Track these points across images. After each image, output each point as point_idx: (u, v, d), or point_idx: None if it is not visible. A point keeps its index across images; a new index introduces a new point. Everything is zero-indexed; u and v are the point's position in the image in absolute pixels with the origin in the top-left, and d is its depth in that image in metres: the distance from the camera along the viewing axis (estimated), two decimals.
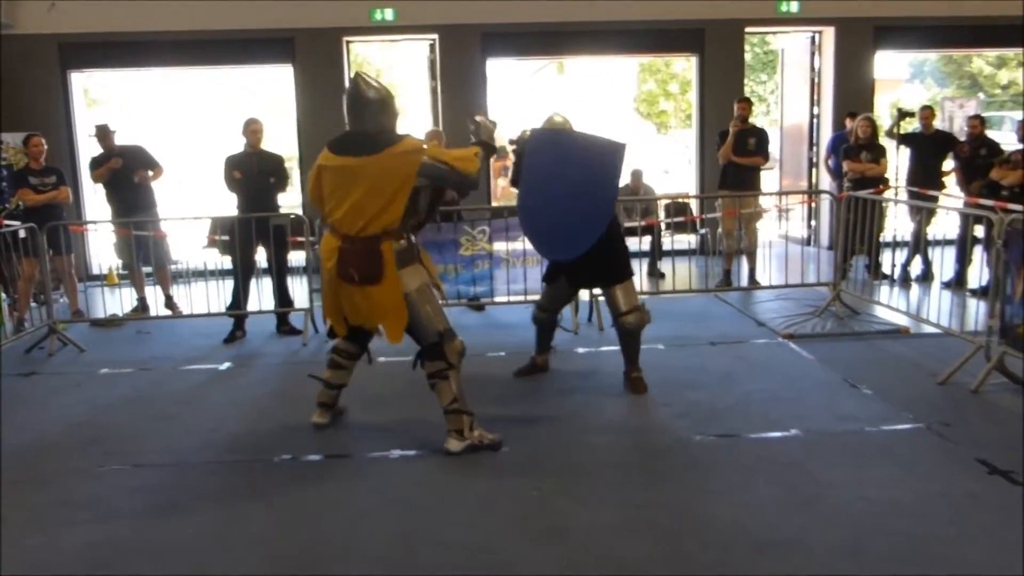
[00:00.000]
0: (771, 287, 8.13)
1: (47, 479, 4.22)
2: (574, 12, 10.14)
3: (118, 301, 8.39)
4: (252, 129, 7.18)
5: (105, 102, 16.88)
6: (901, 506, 3.57)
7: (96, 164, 8.10)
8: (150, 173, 8.07)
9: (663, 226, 9.64)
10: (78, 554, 3.42)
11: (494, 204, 10.89)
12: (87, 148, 9.80)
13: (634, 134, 19.96)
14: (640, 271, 8.60)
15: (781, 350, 6.21)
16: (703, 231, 9.96)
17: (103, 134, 8.04)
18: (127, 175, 7.89)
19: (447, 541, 3.42)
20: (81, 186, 9.95)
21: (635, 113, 21.04)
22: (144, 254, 8.04)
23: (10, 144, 9.73)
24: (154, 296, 8.32)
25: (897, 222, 8.14)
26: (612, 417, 4.91)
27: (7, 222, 7.93)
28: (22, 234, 7.32)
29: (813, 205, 10.83)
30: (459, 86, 10.36)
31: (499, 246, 7.46)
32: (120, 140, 8.19)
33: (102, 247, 9.69)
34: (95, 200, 9.89)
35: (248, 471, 4.26)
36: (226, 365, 6.41)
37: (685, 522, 3.50)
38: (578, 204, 4.88)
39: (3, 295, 7.96)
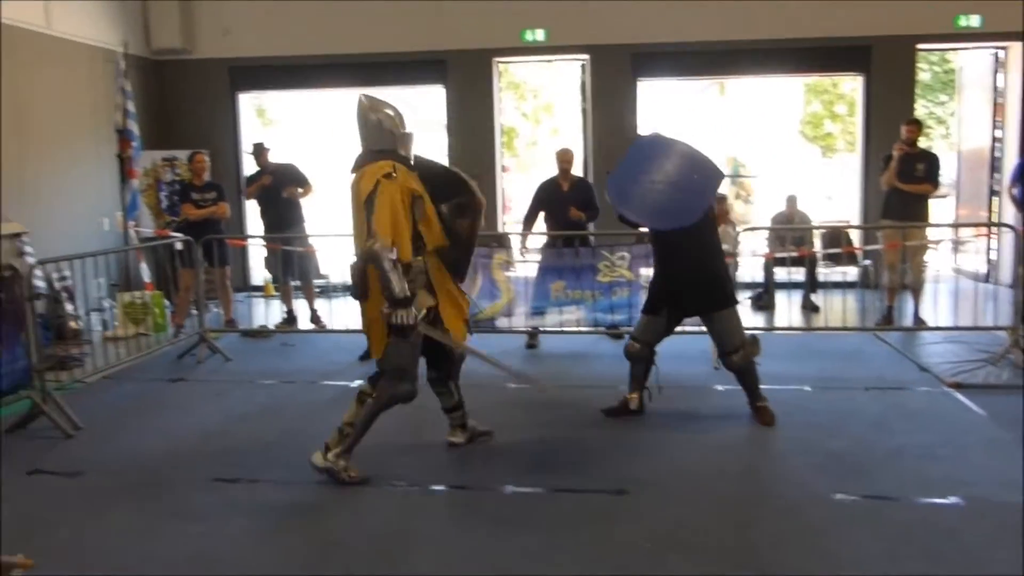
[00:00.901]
0: (939, 328, 7.38)
1: (169, 487, 4.32)
2: (731, 31, 9.75)
3: (269, 313, 8.69)
4: None
5: (279, 122, 17.79)
6: None
7: (250, 181, 8.45)
8: (299, 190, 8.32)
9: (819, 256, 9.05)
10: (178, 567, 3.45)
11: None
12: (250, 165, 10.30)
13: (798, 157, 19.09)
14: (792, 303, 8.10)
15: (945, 400, 5.59)
16: (864, 263, 9.27)
17: (258, 152, 8.38)
18: (277, 192, 8.17)
19: None
20: (243, 201, 10.45)
21: (800, 136, 20.11)
22: (292, 268, 8.30)
23: (184, 161, 10.35)
24: (302, 310, 8.56)
25: None
26: (744, 464, 4.54)
27: (172, 234, 8.42)
28: (179, 246, 7.71)
29: (993, 238, 9.87)
30: (610, 107, 10.18)
31: (639, 273, 7.16)
32: (277, 158, 8.51)
33: (260, 260, 10.12)
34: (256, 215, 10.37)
35: (359, 495, 4.20)
36: (357, 383, 6.43)
37: None
38: (668, 190, 4.89)
39: (166, 302, 8.46)
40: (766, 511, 3.90)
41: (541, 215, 7.65)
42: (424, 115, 11.78)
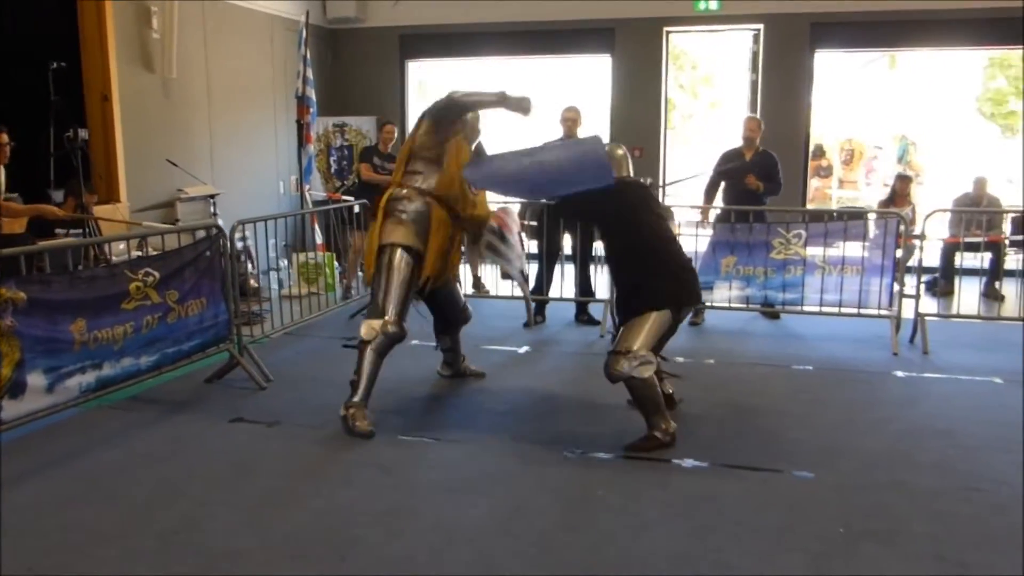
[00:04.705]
0: None
1: (359, 440, 4.50)
2: None
3: None
4: (567, 117, 7.26)
5: (436, 93, 18.09)
6: None
7: None
8: None
9: (1007, 243, 8.47)
10: (376, 518, 3.61)
11: (809, 207, 10.25)
12: None
13: (974, 137, 17.87)
14: (973, 291, 7.63)
15: None
16: None
17: None
18: None
19: (733, 567, 3.17)
20: None
21: (977, 113, 18.76)
22: None
23: (353, 127, 10.72)
24: (464, 275, 8.71)
25: None
26: (934, 457, 4.32)
27: (344, 198, 8.75)
28: (356, 209, 8.00)
29: None
30: (782, 79, 9.84)
31: (814, 251, 6.93)
32: None
33: None
34: None
35: (539, 460, 4.27)
36: (524, 349, 6.55)
37: None
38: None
39: (336, 264, 8.82)
40: (966, 506, 3.71)
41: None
42: (588, 85, 11.71)
